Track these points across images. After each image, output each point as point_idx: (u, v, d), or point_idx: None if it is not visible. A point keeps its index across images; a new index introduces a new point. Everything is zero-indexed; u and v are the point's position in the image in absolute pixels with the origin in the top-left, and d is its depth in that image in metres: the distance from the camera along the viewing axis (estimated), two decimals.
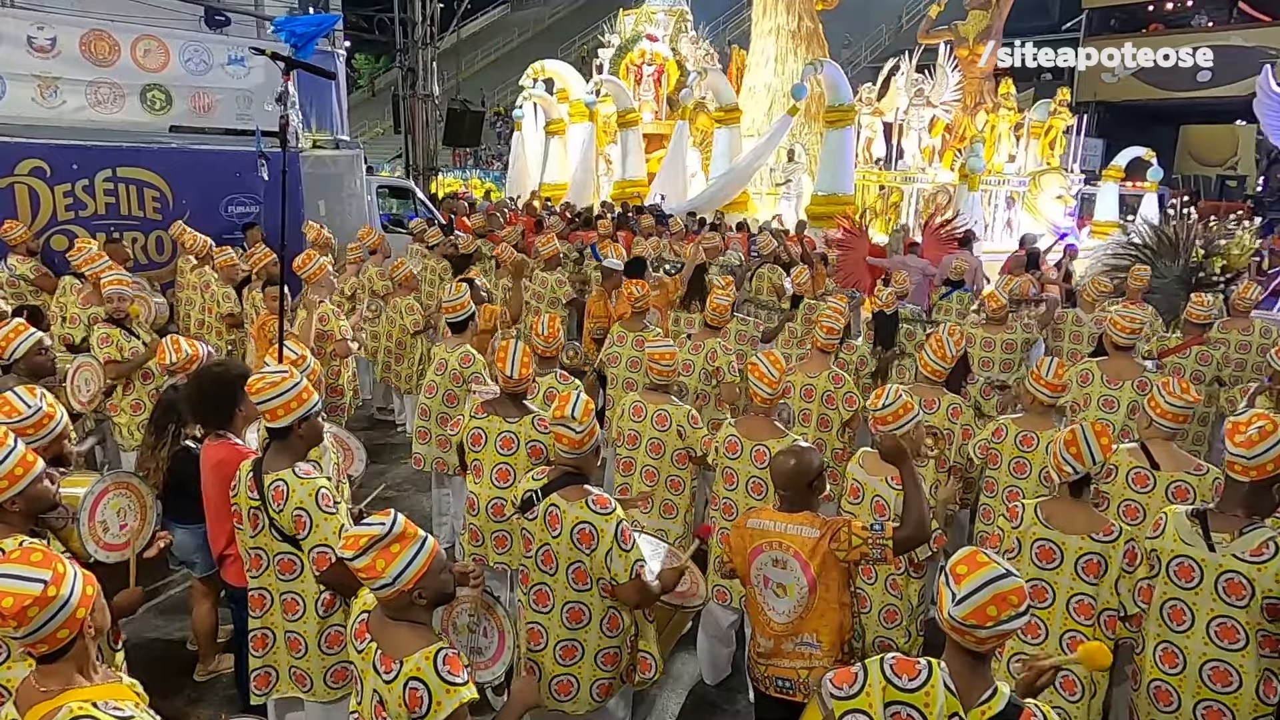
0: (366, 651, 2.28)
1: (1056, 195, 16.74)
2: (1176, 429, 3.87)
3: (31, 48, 8.60)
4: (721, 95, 16.42)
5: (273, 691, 3.24)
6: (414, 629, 2.25)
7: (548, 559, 3.05)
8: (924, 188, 15.34)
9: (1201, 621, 2.88)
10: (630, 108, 17.89)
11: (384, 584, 2.18)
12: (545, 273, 7.99)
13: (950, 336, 4.66)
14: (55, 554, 2.00)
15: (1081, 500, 3.18)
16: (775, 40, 17.66)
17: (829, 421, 5.09)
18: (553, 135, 20.61)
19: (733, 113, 16.24)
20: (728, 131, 16.11)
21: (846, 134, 14.58)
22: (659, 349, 4.56)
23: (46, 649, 1.95)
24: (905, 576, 3.59)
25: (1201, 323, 6.00)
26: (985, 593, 1.94)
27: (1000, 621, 1.94)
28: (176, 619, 4.75)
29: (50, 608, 1.90)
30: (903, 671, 2.02)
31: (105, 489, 3.02)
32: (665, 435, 4.43)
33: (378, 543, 2.18)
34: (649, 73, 19.57)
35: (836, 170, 14.58)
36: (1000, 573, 1.97)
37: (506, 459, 3.99)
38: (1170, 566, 2.96)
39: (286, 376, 3.02)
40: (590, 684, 3.07)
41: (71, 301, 6.40)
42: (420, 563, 2.22)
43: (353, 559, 2.17)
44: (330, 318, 6.15)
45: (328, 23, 5.38)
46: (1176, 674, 2.94)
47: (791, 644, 3.02)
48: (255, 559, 3.15)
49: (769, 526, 3.04)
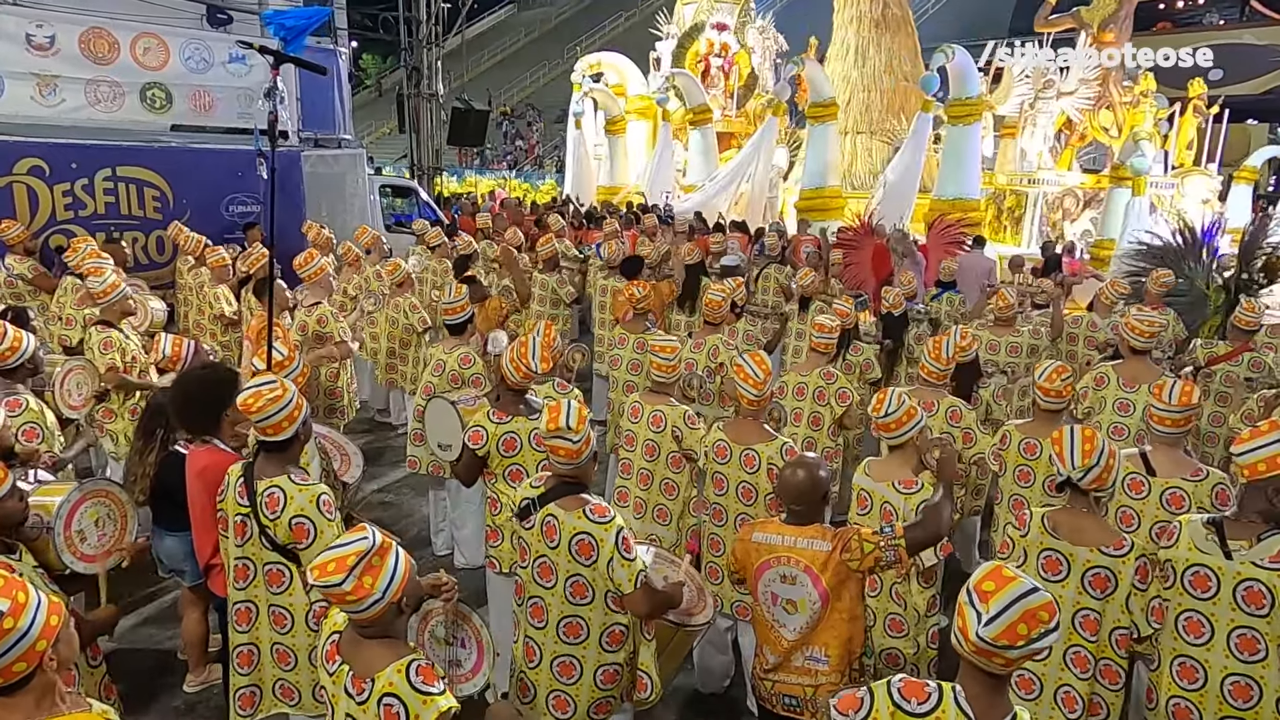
0: (338, 674, 2.19)
1: (1203, 199, 14.79)
2: (1176, 434, 3.74)
3: (30, 45, 8.52)
4: (819, 89, 14.76)
5: (258, 712, 3.14)
6: (386, 645, 2.15)
7: (545, 571, 2.95)
8: (1052, 191, 13.90)
9: (1221, 633, 2.77)
10: (704, 104, 16.72)
11: (374, 601, 2.08)
12: (544, 274, 7.89)
13: (962, 339, 4.57)
14: (19, 581, 1.86)
15: (1092, 511, 3.06)
16: (856, 29, 16.53)
17: (820, 419, 5.03)
18: (613, 134, 19.54)
19: (829, 108, 14.71)
20: (823, 128, 14.60)
21: (973, 131, 13.17)
22: (661, 343, 4.47)
23: (2, 681, 1.81)
24: (906, 584, 3.49)
25: (1250, 329, 5.87)
26: (1016, 610, 1.82)
27: (1031, 640, 1.81)
28: (167, 628, 4.66)
29: (7, 640, 1.77)
30: (911, 695, 1.91)
31: (81, 498, 2.92)
32: (660, 437, 4.31)
33: (364, 559, 2.08)
34: (716, 65, 18.11)
35: (961, 172, 13.14)
36: (1029, 588, 1.85)
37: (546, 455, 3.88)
38: (1185, 576, 2.85)
39: (280, 390, 2.93)
40: (589, 704, 2.96)
41: (68, 302, 6.33)
42: (402, 571, 2.15)
43: (340, 583, 2.04)
44: (329, 319, 6.07)
45: (318, 16, 5.29)
46: (1196, 689, 2.83)
47: (799, 659, 2.92)
48: (241, 569, 3.05)
49: (776, 541, 2.93)
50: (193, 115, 9.67)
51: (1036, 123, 14.19)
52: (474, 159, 31.38)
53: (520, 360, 3.84)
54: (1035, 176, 13.83)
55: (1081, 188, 14.02)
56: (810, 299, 7.05)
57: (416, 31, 16.17)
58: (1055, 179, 13.87)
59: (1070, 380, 4.23)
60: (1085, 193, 14.48)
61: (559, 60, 40.25)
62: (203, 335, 7.25)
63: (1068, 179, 14.21)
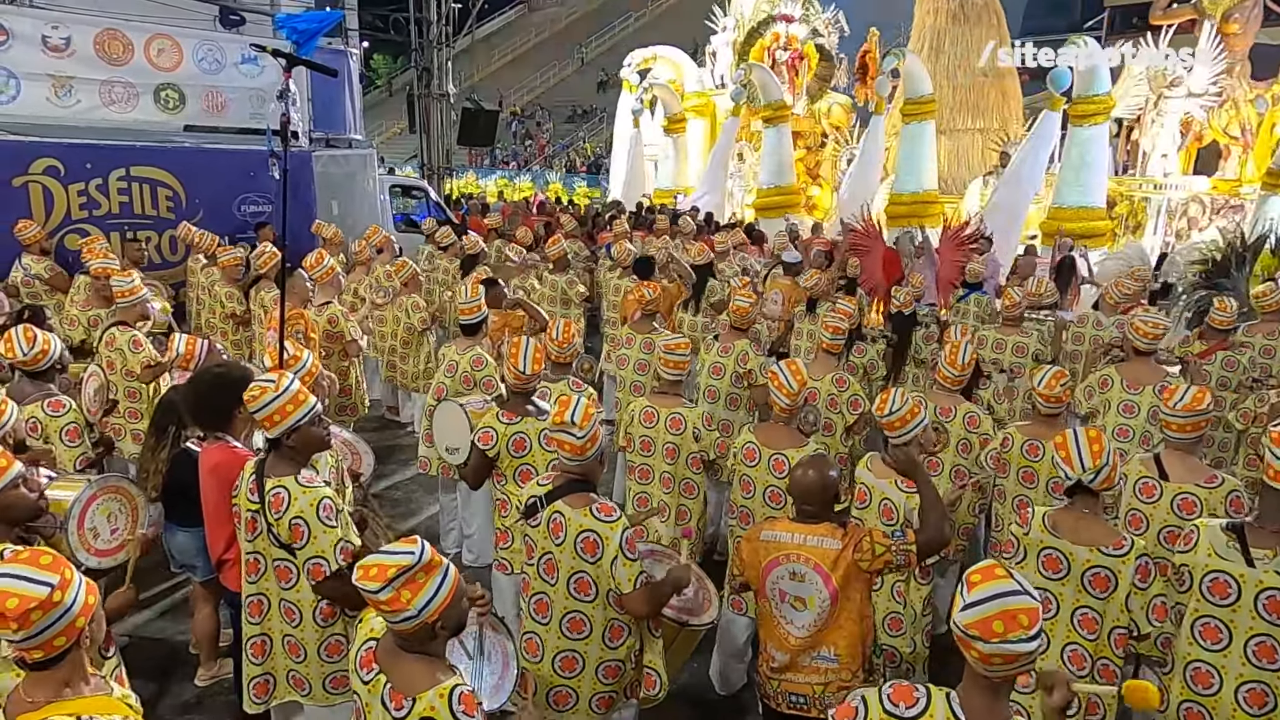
0: (374, 684, 2.16)
1: None
2: (1190, 439, 3.70)
3: (46, 47, 8.61)
4: (917, 84, 13.75)
5: (271, 699, 3.18)
6: (426, 662, 2.12)
7: (549, 568, 2.99)
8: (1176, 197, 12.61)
9: (1239, 640, 2.76)
10: (781, 100, 15.18)
11: (407, 617, 2.04)
12: (555, 275, 7.91)
13: (966, 340, 4.58)
14: (62, 558, 1.95)
15: (1093, 511, 3.06)
16: (933, 20, 15.57)
17: (832, 426, 5.05)
18: (673, 133, 18.33)
19: (927, 105, 13.82)
20: (919, 126, 13.75)
21: (1099, 133, 11.98)
22: (672, 341, 4.49)
23: (41, 655, 1.90)
24: (908, 583, 3.51)
25: (1224, 328, 5.87)
26: (993, 605, 1.82)
27: (1005, 640, 1.80)
28: (179, 621, 4.72)
29: (53, 613, 1.86)
30: (900, 700, 1.95)
31: (94, 495, 2.97)
32: (680, 439, 4.33)
33: (406, 574, 2.03)
34: (783, 59, 16.59)
35: (1085, 178, 11.97)
36: (1014, 589, 1.85)
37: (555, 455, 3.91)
38: (1204, 583, 2.84)
39: (269, 387, 2.95)
40: (590, 696, 3.00)
41: (76, 301, 6.40)
42: (445, 593, 2.08)
43: (377, 591, 2.01)
44: (339, 319, 6.12)
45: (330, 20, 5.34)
46: (1210, 695, 2.83)
47: (809, 658, 2.94)
48: (253, 563, 3.10)
49: (785, 539, 2.95)
50: (205, 116, 9.74)
51: (1164, 124, 12.81)
52: (483, 159, 31.44)
53: (511, 364, 3.91)
54: (1159, 182, 12.60)
55: (1210, 193, 12.59)
56: (818, 300, 7.06)
57: (427, 32, 16.23)
58: (1183, 184, 12.55)
59: (1070, 385, 4.22)
60: (1215, 199, 12.98)
61: (569, 60, 40.34)
62: (214, 334, 7.31)
63: (1196, 184, 12.83)
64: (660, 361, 4.49)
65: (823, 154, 16.86)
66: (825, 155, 16.84)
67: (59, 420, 3.94)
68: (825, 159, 16.84)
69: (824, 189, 16.67)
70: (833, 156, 16.70)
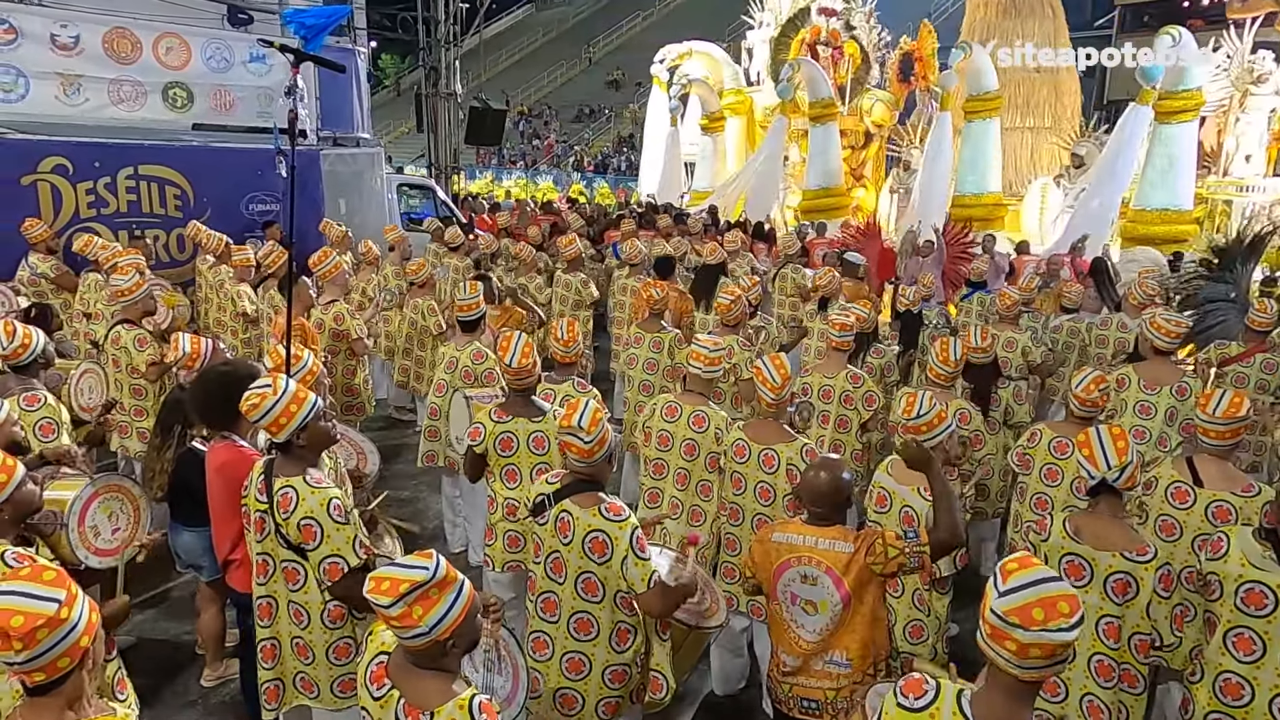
0: (386, 700, 2.09)
1: None
2: (1227, 446, 3.60)
3: (55, 46, 8.63)
4: (983, 79, 13.39)
5: (282, 705, 3.15)
6: (440, 677, 2.06)
7: (557, 567, 2.95)
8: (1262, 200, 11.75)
9: (1275, 652, 2.70)
10: (828, 98, 14.63)
11: (418, 633, 1.98)
12: (569, 275, 7.85)
13: (982, 339, 4.54)
14: (67, 574, 1.87)
15: (1116, 515, 3.00)
16: (983, 14, 15.15)
17: (847, 422, 4.99)
18: (712, 132, 17.75)
19: (992, 101, 13.45)
20: (983, 124, 13.38)
21: (1187, 131, 11.41)
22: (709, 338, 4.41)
23: (43, 678, 1.80)
24: (931, 591, 3.45)
25: (1263, 329, 5.76)
26: (1033, 591, 1.76)
27: (1045, 628, 1.73)
28: (185, 622, 4.69)
29: (60, 630, 1.76)
30: (910, 691, 1.95)
31: (95, 493, 2.95)
32: (701, 436, 4.26)
33: (419, 589, 1.97)
34: (824, 55, 15.94)
35: (1174, 177, 11.37)
36: (1053, 575, 1.81)
37: (543, 458, 3.91)
38: (1238, 593, 2.76)
39: (267, 393, 2.91)
40: (596, 701, 2.96)
41: (94, 299, 6.39)
42: (458, 611, 2.02)
43: (389, 606, 1.96)
44: (346, 317, 6.09)
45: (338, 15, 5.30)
46: (1241, 706, 2.77)
47: (820, 662, 2.89)
48: (262, 564, 3.07)
49: (797, 541, 2.90)
50: (213, 114, 9.76)
51: (1250, 122, 12.08)
52: (491, 158, 31.46)
53: (501, 358, 3.91)
54: (1245, 184, 11.88)
55: None
56: (829, 300, 7.01)
57: (435, 31, 16.20)
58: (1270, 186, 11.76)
59: (1108, 391, 4.15)
60: None
61: (576, 60, 40.37)
62: (223, 333, 7.30)
63: None
64: (693, 356, 4.35)
65: (867, 154, 16.20)
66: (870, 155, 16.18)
67: (33, 415, 3.89)
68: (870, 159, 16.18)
69: (869, 190, 15.98)
70: (876, 157, 16.10)
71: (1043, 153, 14.89)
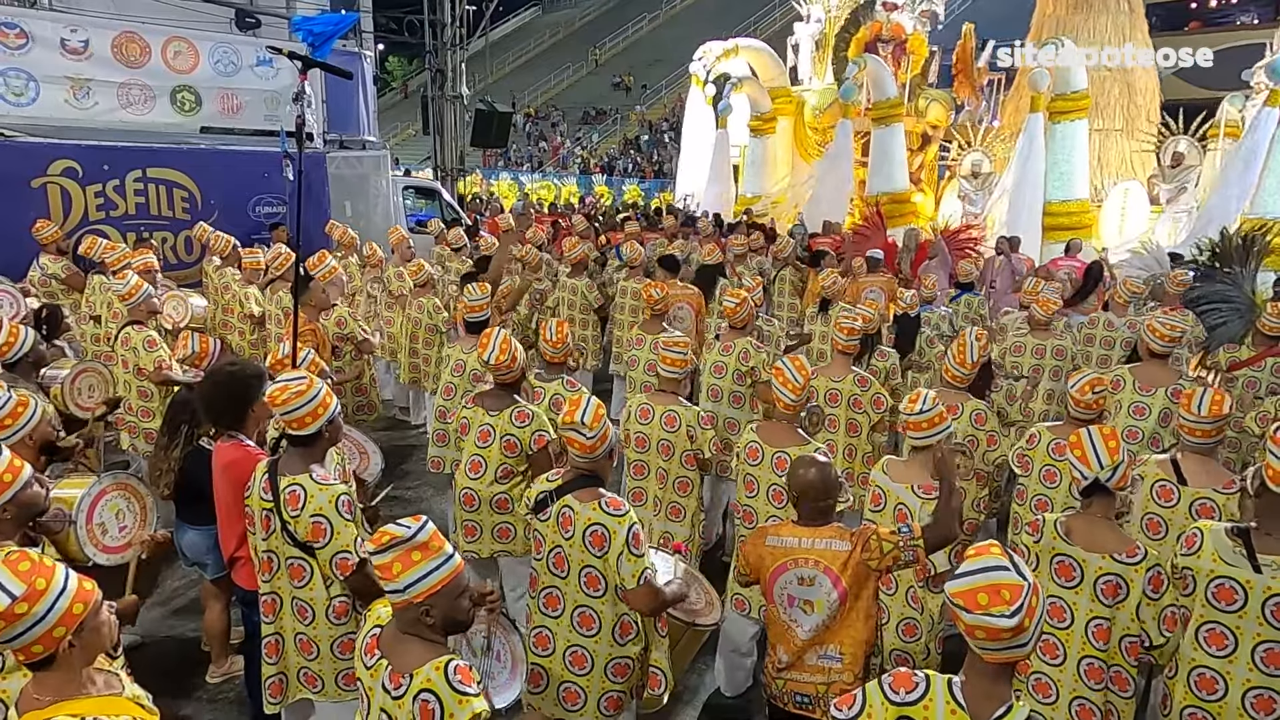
0: (376, 668, 2.20)
1: None
2: (1207, 444, 3.67)
3: (64, 49, 8.73)
4: (1070, 77, 12.67)
5: (285, 699, 3.20)
6: (424, 644, 2.16)
7: (559, 562, 3.00)
8: None
9: (1246, 647, 2.73)
10: (894, 98, 13.75)
11: (394, 589, 2.12)
12: (573, 279, 7.87)
13: (977, 341, 4.55)
14: (46, 569, 1.91)
15: (1108, 516, 3.03)
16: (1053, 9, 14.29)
17: (858, 426, 5.00)
18: (762, 134, 16.77)
19: (1080, 101, 12.60)
20: (1069, 126, 12.64)
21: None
22: (670, 338, 4.51)
23: (24, 658, 1.91)
24: (926, 589, 3.48)
25: (1274, 333, 5.73)
26: (980, 578, 1.87)
27: (988, 612, 1.83)
28: (191, 619, 4.74)
29: (19, 624, 1.84)
30: (900, 686, 1.99)
31: (103, 490, 2.99)
32: (674, 436, 4.33)
33: (399, 544, 2.09)
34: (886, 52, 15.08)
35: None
36: (1003, 564, 1.89)
37: (481, 451, 4.02)
38: (1209, 588, 2.80)
39: (308, 384, 2.95)
40: (599, 696, 3.00)
41: (103, 300, 6.44)
42: (436, 579, 2.10)
43: (374, 553, 2.12)
44: (348, 319, 6.14)
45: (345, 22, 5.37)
46: (1215, 700, 2.79)
47: (814, 656, 2.93)
48: (266, 562, 3.11)
49: (792, 544, 2.93)
50: (221, 118, 9.86)
51: None
52: (497, 160, 31.52)
53: (479, 353, 4.03)
54: None
55: None
56: (831, 301, 7.03)
57: (441, 34, 16.25)
58: None
59: (1104, 394, 4.17)
60: None
61: (582, 62, 40.42)
62: (230, 334, 7.36)
63: None
64: (659, 359, 4.49)
65: (925, 157, 15.42)
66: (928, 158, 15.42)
67: None
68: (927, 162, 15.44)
69: (926, 194, 15.19)
70: (933, 161, 15.37)
71: (1111, 155, 14.06)
